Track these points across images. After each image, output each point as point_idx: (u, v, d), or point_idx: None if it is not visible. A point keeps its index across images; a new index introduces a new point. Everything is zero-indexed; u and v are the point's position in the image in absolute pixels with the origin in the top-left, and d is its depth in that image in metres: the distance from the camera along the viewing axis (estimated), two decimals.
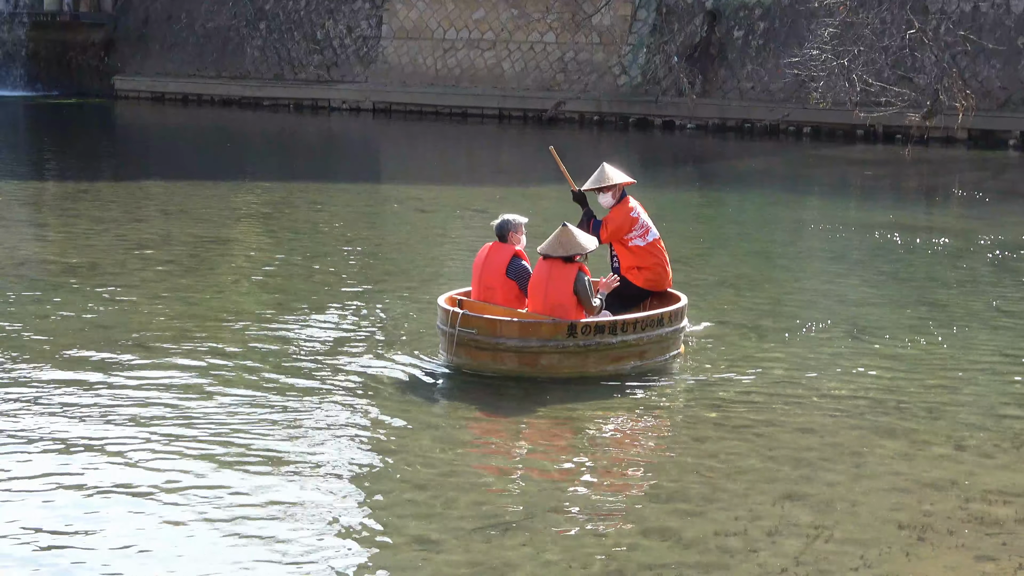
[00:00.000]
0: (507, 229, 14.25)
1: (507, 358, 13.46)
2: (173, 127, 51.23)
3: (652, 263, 14.82)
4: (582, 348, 13.51)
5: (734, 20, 50.09)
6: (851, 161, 40.47)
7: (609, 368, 13.69)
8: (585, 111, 50.49)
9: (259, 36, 58.79)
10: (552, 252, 13.61)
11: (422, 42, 54.94)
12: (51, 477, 10.33)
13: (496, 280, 14.03)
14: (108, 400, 12.45)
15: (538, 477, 10.71)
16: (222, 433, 11.52)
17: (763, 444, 11.63)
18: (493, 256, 14.14)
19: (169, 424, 11.73)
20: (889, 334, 16.11)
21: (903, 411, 12.77)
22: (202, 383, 13.09)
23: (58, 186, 31.01)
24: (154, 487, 10.18)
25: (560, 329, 13.40)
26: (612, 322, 13.66)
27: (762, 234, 25.35)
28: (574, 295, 13.57)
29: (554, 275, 13.58)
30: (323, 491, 10.22)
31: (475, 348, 13.54)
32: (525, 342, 13.39)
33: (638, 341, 13.81)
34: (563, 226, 13.68)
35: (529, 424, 12.27)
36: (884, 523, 9.77)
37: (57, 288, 17.75)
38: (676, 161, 41.82)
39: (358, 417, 12.19)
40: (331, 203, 28.17)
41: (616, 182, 14.89)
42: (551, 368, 13.47)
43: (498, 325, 13.42)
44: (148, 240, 22.08)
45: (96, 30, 62.52)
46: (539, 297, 13.67)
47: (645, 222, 14.92)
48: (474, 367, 13.59)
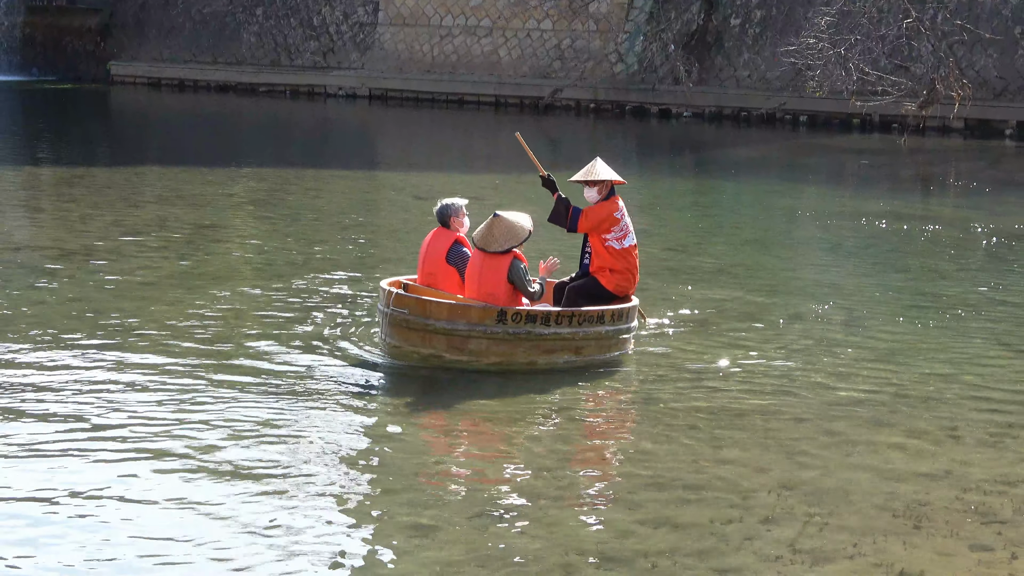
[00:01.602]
0: (448, 214, 14.02)
1: (436, 340, 13.31)
2: (169, 113, 51.19)
3: (624, 268, 14.31)
4: (511, 336, 13.30)
5: (731, 8, 50.06)
6: (847, 150, 40.48)
7: (540, 360, 13.46)
8: (582, 99, 50.48)
9: (255, 22, 58.74)
10: (486, 247, 13.36)
11: (418, 29, 54.90)
12: (15, 472, 10.32)
13: (437, 266, 13.94)
14: (94, 386, 12.45)
15: (530, 466, 10.71)
16: (201, 423, 11.52)
17: (758, 432, 11.64)
18: (434, 242, 14.01)
19: (153, 418, 11.72)
20: (884, 323, 16.13)
21: (898, 400, 12.78)
22: (192, 371, 13.09)
23: (53, 171, 30.97)
24: (144, 478, 10.18)
25: (489, 314, 13.22)
26: (545, 312, 13.41)
27: (758, 222, 25.36)
28: (508, 283, 13.37)
29: (487, 264, 13.39)
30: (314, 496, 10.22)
31: (407, 328, 13.40)
32: (453, 325, 13.23)
33: (572, 335, 13.52)
34: (495, 216, 13.41)
35: (519, 412, 12.27)
36: (879, 512, 9.78)
37: (52, 273, 17.74)
38: (672, 149, 41.81)
39: (343, 409, 12.20)
40: (327, 190, 28.14)
41: (605, 178, 14.45)
42: (479, 353, 13.31)
43: (428, 306, 13.30)
44: (144, 226, 22.06)
45: (92, 15, 62.45)
46: (474, 285, 13.49)
47: (627, 225, 14.41)
48: (405, 349, 13.48)
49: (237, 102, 53.73)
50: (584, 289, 14.25)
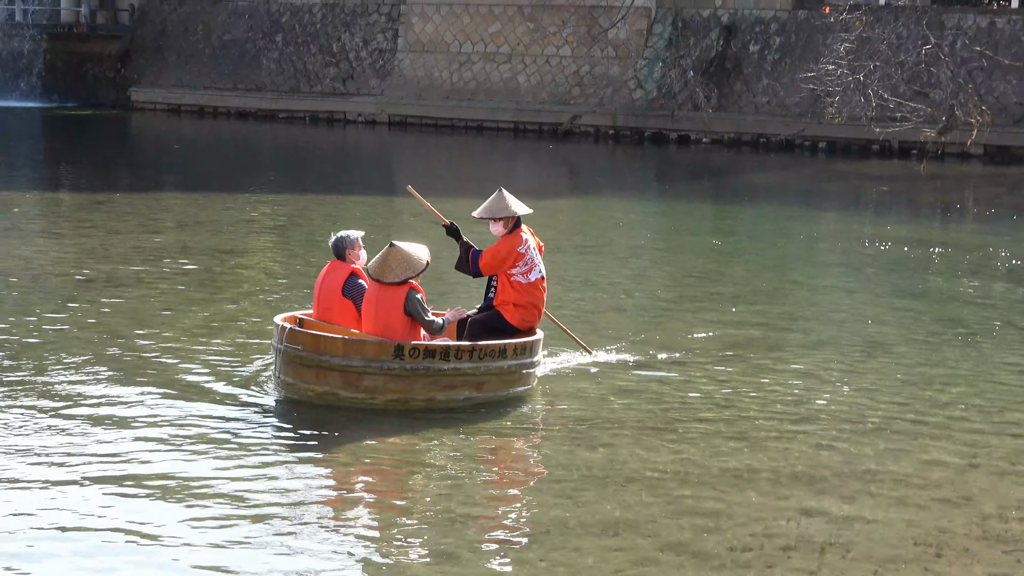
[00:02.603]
0: (343, 246, 13.51)
1: (331, 377, 12.79)
2: (189, 139, 51.32)
3: (528, 302, 13.77)
4: (409, 372, 12.80)
5: (750, 34, 50.12)
6: (866, 176, 40.44)
7: (439, 396, 12.98)
8: (600, 125, 50.52)
9: (275, 48, 58.91)
10: (381, 277, 12.89)
11: (438, 55, 55.02)
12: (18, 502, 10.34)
13: (333, 300, 13.40)
14: (111, 412, 12.47)
15: (549, 491, 10.70)
16: (193, 452, 11.53)
17: (778, 459, 11.61)
18: (330, 275, 13.49)
19: (169, 445, 11.74)
20: (903, 349, 16.09)
21: (918, 426, 12.74)
22: (208, 398, 13.10)
23: (74, 197, 31.07)
24: (151, 510, 10.20)
25: (386, 349, 12.72)
26: (444, 347, 12.91)
27: (777, 249, 25.34)
28: (406, 316, 12.87)
29: (382, 296, 12.91)
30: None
31: (300, 365, 12.88)
32: (348, 361, 12.74)
33: (474, 370, 13.07)
34: (390, 246, 12.96)
35: (539, 437, 12.25)
36: (900, 539, 9.75)
37: (72, 299, 17.77)
38: (691, 175, 41.81)
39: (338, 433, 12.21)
40: (346, 216, 28.18)
41: (508, 214, 13.88)
42: (375, 390, 12.82)
43: (322, 342, 12.79)
44: (163, 251, 22.11)
45: (113, 42, 62.68)
46: (370, 318, 13.00)
47: (532, 259, 13.85)
48: (300, 387, 12.95)
49: (257, 128, 53.88)
50: (486, 323, 13.81)
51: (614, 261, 23.13)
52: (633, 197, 34.49)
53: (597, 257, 23.45)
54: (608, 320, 17.56)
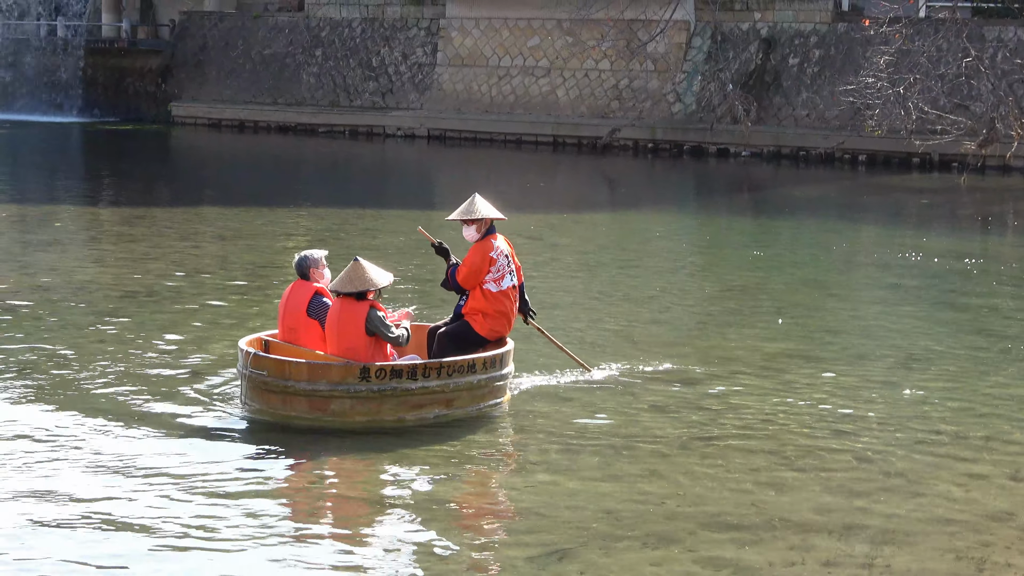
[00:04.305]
0: (307, 265, 13.38)
1: (297, 403, 12.64)
2: (229, 153, 51.51)
3: (497, 311, 13.72)
4: (376, 393, 12.65)
5: (789, 47, 50.03)
6: (906, 189, 40.31)
7: (409, 416, 12.81)
8: (639, 138, 50.47)
9: (315, 63, 59.06)
10: (341, 288, 12.75)
11: (477, 69, 55.08)
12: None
13: (298, 321, 13.22)
14: (151, 430, 12.55)
15: (591, 504, 10.69)
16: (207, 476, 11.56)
17: (819, 474, 11.58)
18: (294, 295, 13.32)
19: (198, 458, 11.79)
20: (945, 363, 16.03)
21: (960, 441, 12.69)
22: (241, 418, 13.15)
23: (115, 211, 31.23)
24: (185, 533, 10.24)
25: (351, 372, 12.56)
26: (411, 366, 12.78)
27: (817, 262, 25.27)
28: (368, 335, 12.72)
29: (344, 315, 12.76)
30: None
31: (265, 391, 12.73)
32: (314, 385, 12.57)
33: (443, 388, 12.92)
34: (354, 261, 12.87)
35: (582, 449, 12.24)
36: (942, 554, 9.71)
37: (113, 312, 17.86)
38: (731, 189, 41.75)
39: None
40: (385, 229, 28.24)
41: (482, 216, 13.87)
42: (342, 414, 12.64)
43: (287, 367, 12.62)
44: (204, 265, 22.20)
45: (153, 56, 62.94)
46: (333, 339, 12.85)
47: (503, 266, 13.79)
48: (267, 412, 12.80)
49: (297, 142, 54.01)
50: (455, 334, 13.74)
51: (653, 275, 23.11)
52: (672, 211, 34.46)
53: (636, 271, 23.43)
54: (647, 333, 17.54)
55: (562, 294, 20.57)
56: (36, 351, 15.36)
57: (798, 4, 50.16)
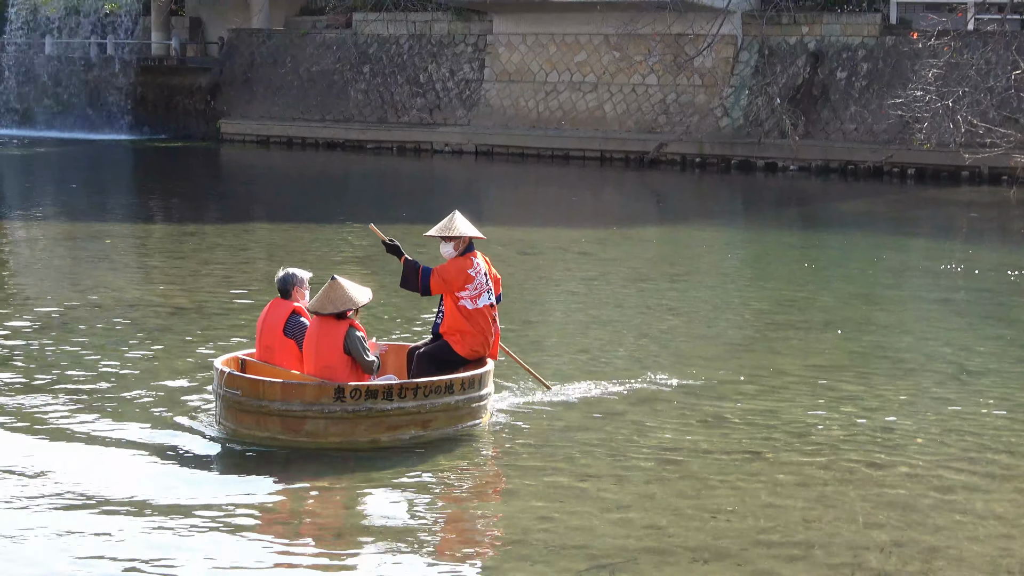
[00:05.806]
0: (291, 284, 13.28)
1: (270, 423, 12.47)
2: (278, 170, 51.71)
3: (475, 330, 13.58)
4: (351, 414, 12.47)
5: (837, 61, 49.90)
6: (956, 203, 40.12)
7: (384, 437, 12.64)
8: (687, 153, 50.39)
9: (363, 80, 59.25)
10: (321, 309, 12.63)
11: (524, 85, 55.14)
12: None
13: (275, 339, 13.09)
14: (197, 448, 12.61)
15: (639, 519, 10.68)
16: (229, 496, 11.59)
17: (869, 489, 11.53)
18: (271, 314, 13.21)
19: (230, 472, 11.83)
20: (996, 377, 15.95)
21: (1011, 456, 12.63)
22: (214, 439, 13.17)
23: (165, 228, 31.39)
24: (199, 529, 10.27)
25: (326, 392, 12.40)
26: (387, 387, 12.63)
27: (866, 276, 25.17)
28: (346, 355, 12.61)
29: (322, 335, 12.64)
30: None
31: (240, 411, 12.58)
32: (288, 405, 12.41)
33: (419, 408, 12.75)
34: (332, 279, 12.75)
35: (629, 465, 12.24)
36: (994, 569, 9.66)
37: (163, 328, 17.96)
38: (779, 203, 41.64)
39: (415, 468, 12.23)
40: (433, 245, 28.21)
41: (461, 235, 13.82)
42: (316, 434, 12.47)
43: (261, 386, 12.47)
44: (253, 282, 22.28)
45: (202, 74, 63.26)
46: (311, 358, 12.73)
47: (481, 284, 13.67)
48: (241, 433, 12.66)
49: (345, 159, 54.15)
50: (434, 355, 13.63)
51: (701, 289, 23.08)
52: (720, 225, 34.40)
53: (684, 285, 23.41)
54: (695, 348, 17.52)
55: (611, 308, 20.57)
56: (84, 364, 15.48)
57: (846, 18, 50.03)
